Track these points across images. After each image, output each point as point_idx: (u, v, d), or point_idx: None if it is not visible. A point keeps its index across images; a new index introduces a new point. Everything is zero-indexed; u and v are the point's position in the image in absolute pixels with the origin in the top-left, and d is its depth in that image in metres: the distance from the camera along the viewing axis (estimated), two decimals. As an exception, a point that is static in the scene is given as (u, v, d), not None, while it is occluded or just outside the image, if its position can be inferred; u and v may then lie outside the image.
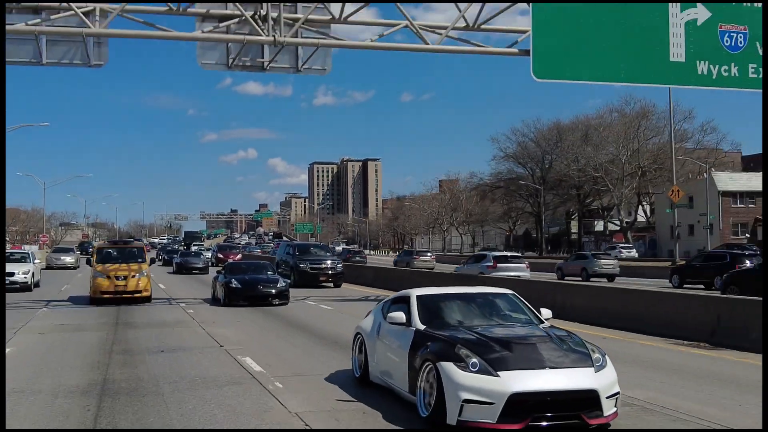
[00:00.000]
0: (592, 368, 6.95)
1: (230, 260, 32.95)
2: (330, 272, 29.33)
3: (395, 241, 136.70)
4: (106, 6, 16.65)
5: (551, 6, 17.76)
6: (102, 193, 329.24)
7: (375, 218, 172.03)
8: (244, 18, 17.10)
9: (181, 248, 64.12)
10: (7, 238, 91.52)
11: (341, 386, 9.07)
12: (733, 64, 18.78)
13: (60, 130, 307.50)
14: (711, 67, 18.69)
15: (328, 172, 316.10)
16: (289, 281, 23.53)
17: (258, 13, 17.18)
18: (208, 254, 54.21)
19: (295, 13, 17.81)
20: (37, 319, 17.06)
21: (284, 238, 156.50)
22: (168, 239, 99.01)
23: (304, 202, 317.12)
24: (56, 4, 16.57)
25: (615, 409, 7.00)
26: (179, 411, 7.78)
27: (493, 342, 7.18)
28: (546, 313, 8.57)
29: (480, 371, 6.73)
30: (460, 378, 6.74)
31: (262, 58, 18.27)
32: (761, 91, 18.79)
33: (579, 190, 70.41)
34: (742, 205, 61.31)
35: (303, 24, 17.64)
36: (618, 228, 69.72)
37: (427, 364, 7.22)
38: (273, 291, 21.53)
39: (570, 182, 69.05)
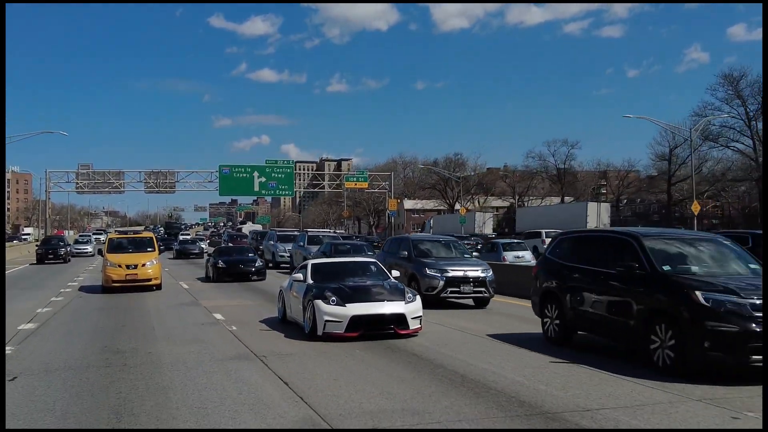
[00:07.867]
0: (404, 301, 11.91)
1: None
2: None
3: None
4: (124, 181, 77.96)
5: (224, 178, 78.11)
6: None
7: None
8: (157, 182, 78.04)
9: (164, 236, 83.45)
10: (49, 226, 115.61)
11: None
12: (273, 190, 78.97)
13: (77, 119, 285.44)
14: (266, 191, 79.07)
15: (309, 169, 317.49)
16: (263, 261, 28.10)
17: (153, 181, 78.29)
18: (204, 245, 67.85)
19: (174, 179, 78.46)
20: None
21: (249, 224, 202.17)
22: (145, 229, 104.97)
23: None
24: (116, 181, 77.75)
25: (419, 325, 11.96)
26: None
27: (347, 288, 12.13)
28: (395, 273, 13.87)
29: (336, 304, 11.56)
30: (324, 308, 11.54)
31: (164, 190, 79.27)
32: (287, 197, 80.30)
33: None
34: (417, 215, 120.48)
35: (162, 185, 78.77)
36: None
37: (309, 302, 11.96)
38: (252, 269, 25.88)
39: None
